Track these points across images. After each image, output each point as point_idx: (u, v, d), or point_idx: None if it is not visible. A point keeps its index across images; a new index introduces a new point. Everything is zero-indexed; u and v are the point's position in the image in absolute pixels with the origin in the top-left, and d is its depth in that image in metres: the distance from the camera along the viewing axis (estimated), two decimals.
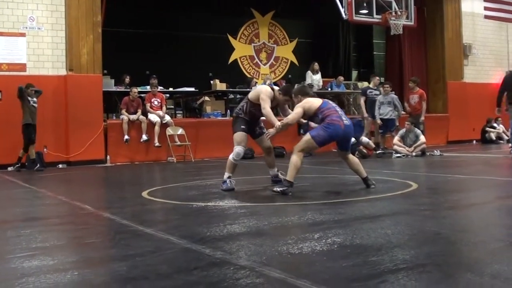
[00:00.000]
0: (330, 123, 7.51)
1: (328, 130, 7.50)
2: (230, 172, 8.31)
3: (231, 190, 8.14)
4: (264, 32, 23.69)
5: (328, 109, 7.64)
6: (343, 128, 7.52)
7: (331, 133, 7.52)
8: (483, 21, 24.23)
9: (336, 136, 7.60)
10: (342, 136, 7.63)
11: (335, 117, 7.56)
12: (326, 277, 3.47)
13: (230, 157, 8.37)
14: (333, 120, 7.52)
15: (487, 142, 21.85)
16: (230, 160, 8.36)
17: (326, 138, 7.56)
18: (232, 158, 8.34)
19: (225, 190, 8.15)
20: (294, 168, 7.44)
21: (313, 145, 7.63)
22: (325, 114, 7.59)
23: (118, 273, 3.72)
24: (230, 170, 8.32)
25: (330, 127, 7.50)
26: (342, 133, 7.56)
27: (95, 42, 15.62)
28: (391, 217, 5.63)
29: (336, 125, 7.49)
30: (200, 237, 4.72)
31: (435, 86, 23.00)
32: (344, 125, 7.54)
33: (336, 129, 7.50)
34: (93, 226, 5.88)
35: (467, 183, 9.13)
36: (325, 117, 7.57)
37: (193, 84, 18.45)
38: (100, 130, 15.61)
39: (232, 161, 8.34)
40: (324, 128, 7.54)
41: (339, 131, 7.52)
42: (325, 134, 7.51)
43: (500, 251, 4.00)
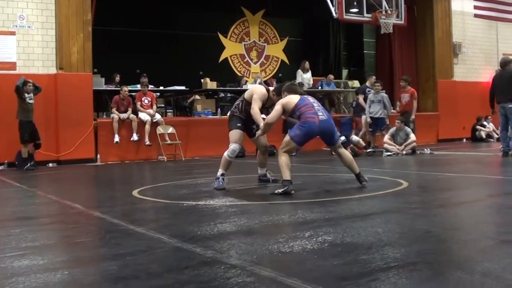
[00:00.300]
0: (304, 121, 7.51)
1: (303, 129, 7.51)
2: (224, 169, 8.26)
3: (222, 189, 8.07)
4: (255, 31, 23.69)
5: (305, 106, 7.62)
6: (317, 124, 7.49)
7: (306, 131, 7.52)
8: (473, 20, 24.30)
9: (312, 133, 7.58)
10: (319, 132, 7.62)
11: (310, 113, 7.53)
12: (316, 275, 3.47)
13: (225, 154, 8.33)
14: (307, 118, 7.51)
15: (477, 141, 21.93)
16: (225, 157, 8.32)
17: (302, 136, 7.58)
18: (227, 155, 8.30)
19: (216, 188, 8.11)
20: (285, 166, 7.42)
21: (293, 145, 7.69)
22: (301, 111, 7.58)
23: (108, 272, 3.71)
24: (224, 167, 8.27)
25: (305, 125, 7.50)
26: (318, 129, 7.54)
27: (85, 41, 15.59)
28: (382, 215, 5.64)
29: (310, 122, 7.48)
30: (190, 236, 4.71)
31: (425, 84, 23.06)
32: (319, 120, 7.50)
33: (311, 126, 7.48)
34: (83, 225, 5.86)
35: (457, 181, 9.16)
36: (300, 114, 7.58)
37: (184, 82, 18.42)
38: (90, 129, 15.58)
39: (227, 158, 8.29)
40: (299, 126, 7.57)
41: (314, 128, 7.50)
42: (301, 133, 7.54)
43: (491, 249, 4.01)
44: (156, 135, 16.17)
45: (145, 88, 16.82)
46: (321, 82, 21.32)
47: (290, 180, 7.38)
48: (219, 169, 8.29)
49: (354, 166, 7.88)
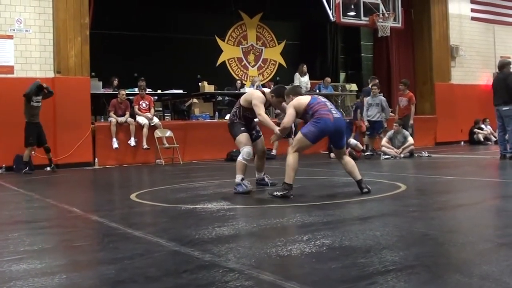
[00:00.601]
0: (319, 117, 7.35)
1: (318, 125, 7.33)
2: (242, 174, 8.08)
3: (247, 193, 7.93)
4: (252, 34, 23.72)
5: (318, 104, 7.48)
6: (332, 121, 7.33)
7: (321, 127, 7.34)
8: (470, 23, 24.33)
9: (327, 129, 7.39)
10: (333, 129, 7.42)
11: (324, 110, 7.39)
12: (315, 279, 3.48)
13: (240, 158, 8.15)
14: (321, 114, 7.35)
15: (475, 143, 21.93)
16: (240, 161, 8.13)
17: (317, 133, 7.39)
18: (242, 158, 8.11)
19: (241, 193, 7.93)
20: (292, 170, 7.32)
21: (306, 142, 7.44)
22: (314, 109, 7.43)
23: (106, 276, 3.71)
24: (242, 171, 8.09)
25: (320, 121, 7.33)
26: (333, 126, 7.36)
27: (83, 44, 15.58)
28: (380, 218, 5.64)
29: (325, 119, 7.32)
30: (189, 240, 4.71)
31: (422, 87, 23.08)
32: (333, 118, 7.36)
33: (326, 122, 7.32)
34: (81, 229, 5.86)
35: (455, 184, 9.16)
36: (314, 112, 7.41)
37: (181, 86, 18.41)
38: (88, 133, 15.57)
39: (243, 162, 8.10)
40: (314, 123, 7.37)
41: (329, 124, 7.33)
42: (316, 129, 7.35)
43: (489, 252, 4.01)
44: (154, 138, 16.16)
45: (143, 92, 16.81)
46: (318, 85, 21.33)
47: (291, 185, 7.29)
48: (236, 175, 8.10)
49: (355, 172, 7.68)
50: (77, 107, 15.31)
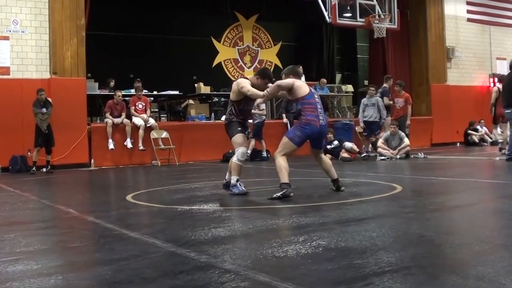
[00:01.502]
0: (307, 123, 7.56)
1: (305, 131, 7.58)
2: (237, 175, 8.03)
3: (243, 194, 7.91)
4: (248, 35, 23.74)
5: (309, 104, 7.63)
6: (318, 128, 7.59)
7: (307, 133, 7.60)
8: (466, 24, 24.41)
9: (313, 135, 7.66)
10: (318, 135, 7.72)
11: (312, 116, 7.55)
12: (311, 280, 3.48)
13: (234, 159, 8.07)
14: (309, 120, 7.55)
15: (470, 145, 21.97)
16: (235, 162, 8.04)
17: (303, 138, 7.65)
18: (237, 159, 8.02)
19: (238, 194, 7.89)
20: (284, 170, 7.41)
21: (293, 146, 7.62)
22: (304, 107, 7.61)
23: (102, 277, 3.70)
24: (237, 172, 8.04)
25: (307, 127, 7.56)
26: (318, 132, 7.64)
27: (79, 45, 15.58)
28: (376, 219, 5.64)
29: (313, 126, 7.56)
30: (185, 241, 4.71)
31: (418, 88, 23.12)
32: (320, 125, 7.59)
33: (313, 129, 7.57)
34: (77, 230, 5.85)
35: (451, 186, 9.17)
36: (304, 109, 7.61)
37: (177, 87, 18.44)
38: (84, 134, 15.56)
39: (237, 163, 8.02)
40: (300, 128, 7.62)
41: (315, 131, 7.59)
42: (302, 134, 7.60)
43: (485, 253, 4.02)
44: (150, 139, 16.15)
45: (140, 93, 16.79)
46: (314, 86, 21.30)
47: (289, 183, 7.36)
48: (232, 177, 8.06)
49: (332, 171, 7.92)
50: (73, 108, 15.30)
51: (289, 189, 7.29)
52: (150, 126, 16.43)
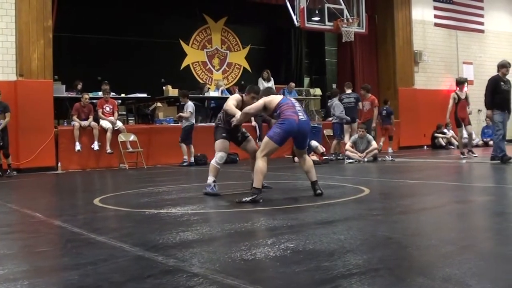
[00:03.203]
0: (284, 118, 7.53)
1: (283, 126, 7.50)
2: (214, 176, 8.36)
3: (215, 195, 8.17)
4: (217, 38, 23.71)
5: (286, 104, 7.67)
6: (297, 122, 7.50)
7: (286, 129, 7.50)
8: (433, 28, 24.65)
9: (291, 130, 7.54)
10: (297, 130, 7.58)
11: (290, 112, 7.56)
12: (279, 282, 3.48)
13: (213, 162, 8.42)
14: (286, 116, 7.53)
15: (437, 148, 22.18)
16: (213, 164, 8.41)
17: (283, 134, 7.53)
18: (215, 162, 8.38)
19: (209, 194, 8.22)
20: (261, 174, 7.41)
21: (274, 145, 7.56)
22: (282, 109, 7.62)
23: (69, 282, 3.67)
24: (214, 173, 8.37)
25: (285, 122, 7.51)
26: (297, 127, 7.52)
27: (46, 47, 15.43)
28: (344, 222, 5.66)
29: (290, 120, 7.50)
30: (153, 245, 4.69)
31: (386, 92, 23.26)
32: (298, 120, 7.52)
33: (291, 123, 7.48)
34: (44, 234, 5.79)
35: (418, 188, 9.24)
36: (281, 112, 7.61)
37: (145, 90, 18.35)
38: (51, 137, 15.40)
39: (215, 165, 8.38)
40: (278, 125, 7.57)
41: (293, 125, 7.49)
42: (281, 130, 7.50)
43: (451, 255, 4.05)
44: (118, 143, 16.05)
45: (107, 96, 16.68)
46: (283, 90, 21.36)
47: (260, 189, 7.38)
48: (209, 177, 8.37)
49: (312, 173, 7.83)
50: (40, 110, 15.14)
51: (259, 195, 7.31)
52: (118, 129, 16.34)
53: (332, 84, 24.36)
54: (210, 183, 8.33)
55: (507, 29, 27.68)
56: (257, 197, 7.27)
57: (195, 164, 16.08)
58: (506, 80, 13.15)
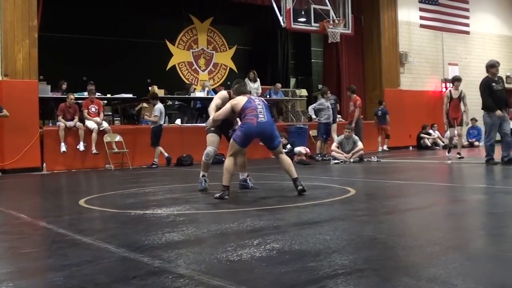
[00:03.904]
0: (244, 122, 7.96)
1: (242, 129, 7.95)
2: (203, 171, 8.85)
3: (203, 190, 8.68)
4: (203, 39, 23.69)
5: (249, 108, 7.99)
6: (255, 125, 7.86)
7: (244, 131, 7.92)
8: (419, 30, 24.76)
9: (250, 133, 7.95)
10: (256, 133, 7.97)
11: (250, 115, 7.91)
12: (265, 283, 3.48)
13: (202, 157, 8.88)
14: (246, 120, 7.93)
15: (422, 148, 22.27)
16: (202, 160, 8.88)
17: (243, 137, 7.95)
18: (203, 158, 8.85)
19: (199, 190, 8.75)
20: (227, 172, 7.84)
21: (236, 147, 7.99)
22: (245, 113, 7.98)
23: (54, 283, 3.65)
24: (203, 169, 8.86)
25: (244, 125, 7.95)
26: (255, 129, 7.89)
27: (31, 47, 15.36)
28: (329, 222, 5.66)
29: (248, 123, 7.88)
30: (138, 246, 4.67)
31: (372, 93, 23.36)
32: (257, 122, 7.86)
33: (249, 126, 7.87)
34: (29, 235, 5.76)
35: (404, 189, 9.26)
36: (244, 116, 7.98)
37: (131, 90, 18.29)
38: (36, 137, 15.34)
39: (203, 161, 8.86)
40: (239, 128, 8.06)
41: (252, 128, 7.87)
42: (241, 133, 7.95)
43: (437, 255, 4.06)
44: (103, 143, 16.00)
45: (93, 96, 16.63)
46: (269, 91, 21.39)
47: (228, 186, 7.75)
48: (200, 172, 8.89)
49: (292, 170, 8.05)
50: (25, 111, 15.06)
51: (225, 192, 7.69)
52: (104, 129, 16.29)
53: (318, 85, 24.40)
54: (200, 178, 8.83)
55: (492, 30, 27.85)
56: (223, 194, 7.67)
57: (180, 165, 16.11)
58: (497, 80, 12.97)
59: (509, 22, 28.67)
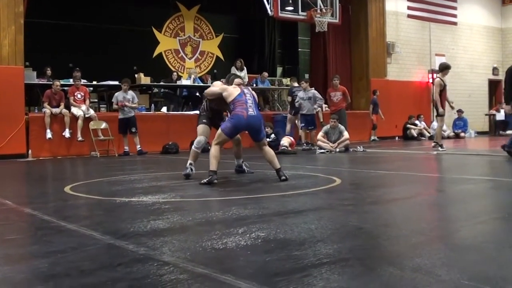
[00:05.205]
0: (234, 114, 8.24)
1: (232, 121, 8.26)
2: (191, 160, 9.04)
3: (187, 175, 8.85)
4: (190, 26, 23.63)
5: (239, 101, 8.28)
6: (245, 118, 8.19)
7: (234, 123, 8.24)
8: (406, 20, 24.79)
9: (240, 125, 8.29)
10: (245, 125, 8.30)
11: (240, 108, 8.23)
12: (250, 271, 3.49)
13: (192, 146, 9.13)
14: (236, 112, 8.22)
15: (408, 139, 22.35)
16: (192, 148, 9.12)
17: (232, 128, 8.30)
18: (194, 146, 9.08)
19: (183, 175, 8.91)
20: (213, 158, 8.11)
21: (224, 137, 8.33)
22: (235, 105, 8.27)
23: (39, 270, 3.64)
24: (191, 157, 9.06)
25: (234, 117, 8.24)
26: (245, 122, 8.23)
27: (17, 33, 15.25)
28: (315, 212, 5.68)
29: (239, 116, 8.20)
30: (123, 233, 4.67)
31: (358, 83, 23.39)
32: (247, 115, 8.18)
33: (239, 119, 8.20)
34: (14, 222, 5.74)
35: (389, 179, 9.30)
36: (234, 108, 8.27)
37: (117, 77, 18.19)
38: (22, 124, 15.25)
39: (193, 149, 9.08)
40: (229, 119, 8.38)
41: (241, 121, 8.21)
42: (230, 125, 8.29)
43: (421, 245, 4.08)
44: (89, 130, 15.95)
45: (78, 83, 16.55)
46: (255, 79, 21.37)
47: (215, 171, 8.02)
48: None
49: (275, 161, 8.41)
50: (11, 97, 14.98)
51: (214, 176, 7.97)
52: (89, 116, 16.23)
53: (304, 74, 24.40)
54: (186, 165, 8.97)
55: (480, 21, 27.92)
56: (212, 178, 7.93)
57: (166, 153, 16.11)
58: None
59: (496, 14, 28.77)
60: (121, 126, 16.13)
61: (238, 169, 9.59)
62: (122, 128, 16.12)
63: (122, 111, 16.07)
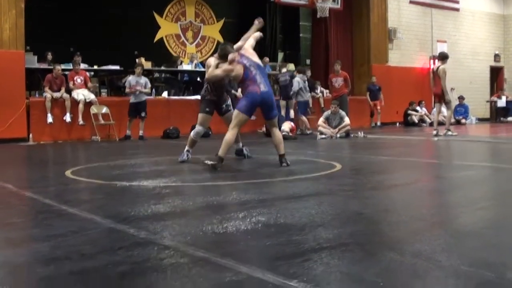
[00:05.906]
0: (248, 92, 8.17)
1: (248, 98, 8.16)
2: (188, 147, 9.11)
3: (183, 161, 8.94)
4: (191, 11, 23.54)
5: (249, 79, 8.22)
6: (259, 93, 8.11)
7: (250, 100, 8.15)
8: (408, 6, 24.66)
9: (255, 101, 8.17)
10: (260, 101, 8.19)
11: (252, 85, 8.16)
12: (250, 255, 3.50)
13: (191, 134, 9.19)
14: (249, 90, 8.15)
15: (409, 125, 22.33)
16: (190, 136, 9.18)
17: (249, 105, 8.19)
18: (192, 135, 9.13)
19: (179, 161, 8.97)
20: (226, 145, 7.96)
21: (241, 115, 8.17)
22: (247, 84, 8.21)
23: (40, 253, 3.65)
24: (189, 145, 9.12)
25: (248, 95, 8.16)
26: (260, 98, 8.14)
27: (17, 17, 15.19)
28: (315, 197, 5.69)
29: (253, 93, 8.12)
30: (124, 217, 4.67)
31: (360, 69, 23.30)
32: (260, 91, 8.12)
33: (253, 95, 8.13)
34: (15, 205, 5.75)
35: (389, 165, 9.31)
36: (247, 86, 8.20)
37: (118, 62, 18.18)
38: (23, 108, 15.23)
39: (191, 137, 9.13)
40: (244, 97, 8.25)
41: (256, 97, 8.13)
42: (246, 102, 8.17)
43: (421, 231, 4.09)
44: (90, 115, 15.93)
45: (78, 67, 16.51)
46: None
47: (222, 158, 7.89)
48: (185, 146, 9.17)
49: (281, 147, 8.26)
50: (12, 82, 14.93)
51: (219, 164, 7.83)
52: (90, 101, 16.20)
53: (306, 60, 24.35)
54: (183, 151, 9.04)
55: (482, 8, 27.79)
56: (217, 164, 7.83)
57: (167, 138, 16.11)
58: None
59: (498, 0, 28.64)
60: (132, 110, 16.09)
61: (238, 153, 9.57)
62: (132, 112, 16.09)
63: (134, 95, 16.04)
